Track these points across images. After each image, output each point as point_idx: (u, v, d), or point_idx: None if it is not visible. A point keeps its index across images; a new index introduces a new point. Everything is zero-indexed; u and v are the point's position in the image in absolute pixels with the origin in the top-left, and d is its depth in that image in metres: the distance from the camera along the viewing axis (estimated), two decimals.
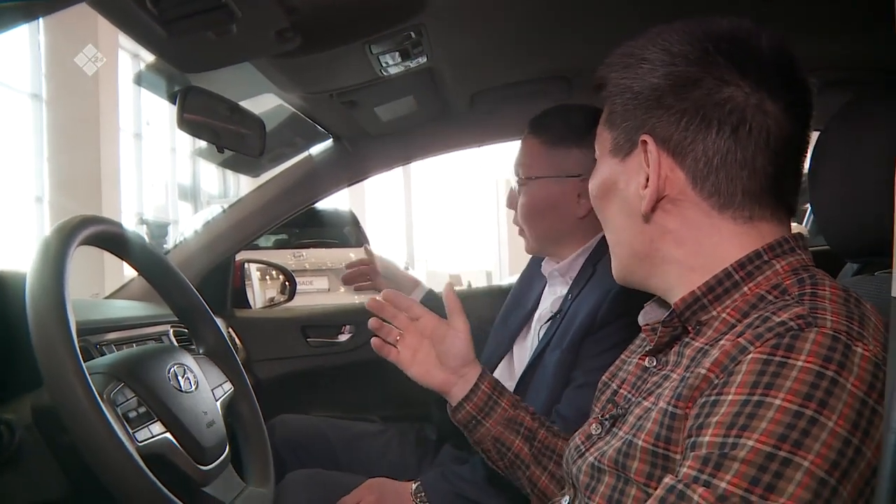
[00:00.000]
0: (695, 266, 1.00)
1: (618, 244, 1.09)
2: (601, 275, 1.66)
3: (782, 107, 0.95)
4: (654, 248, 1.03)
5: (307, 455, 1.96)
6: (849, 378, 0.80)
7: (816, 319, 0.84)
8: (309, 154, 2.42)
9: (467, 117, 2.33)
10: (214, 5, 1.24)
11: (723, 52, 0.95)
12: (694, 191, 0.98)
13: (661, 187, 0.98)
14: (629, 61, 1.01)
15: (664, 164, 0.98)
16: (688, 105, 0.96)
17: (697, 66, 0.95)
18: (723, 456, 0.80)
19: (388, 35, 1.62)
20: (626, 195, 1.03)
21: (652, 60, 0.98)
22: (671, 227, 1.00)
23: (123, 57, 9.73)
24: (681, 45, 0.97)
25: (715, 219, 0.98)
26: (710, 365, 0.89)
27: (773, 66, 0.96)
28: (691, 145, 0.96)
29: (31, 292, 1.02)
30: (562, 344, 1.67)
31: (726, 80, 0.94)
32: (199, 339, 1.46)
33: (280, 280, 3.13)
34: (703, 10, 1.62)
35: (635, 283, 1.09)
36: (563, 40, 1.91)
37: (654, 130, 0.98)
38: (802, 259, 0.98)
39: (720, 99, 0.94)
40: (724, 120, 0.94)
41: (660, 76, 0.97)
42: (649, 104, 0.98)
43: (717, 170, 0.96)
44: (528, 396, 1.72)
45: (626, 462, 0.97)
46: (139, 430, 1.10)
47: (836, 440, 0.77)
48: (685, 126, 0.96)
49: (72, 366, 0.99)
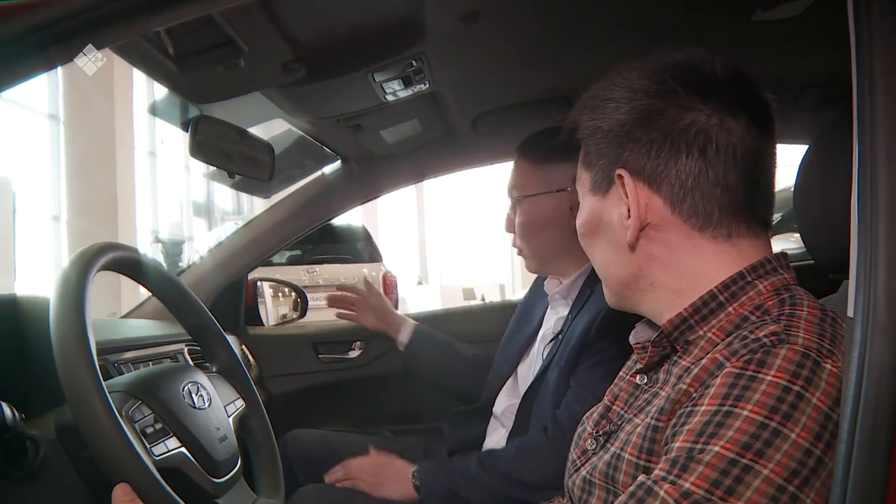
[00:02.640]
0: (681, 289, 1.04)
1: (607, 276, 1.13)
2: (597, 296, 1.70)
3: (744, 123, 1.00)
4: (642, 275, 1.07)
5: (319, 469, 1.99)
6: (815, 393, 0.85)
7: (789, 336, 0.89)
8: (321, 174, 2.47)
9: (471, 138, 2.38)
10: (223, 41, 1.31)
11: (680, 82, 1.00)
12: (674, 214, 1.02)
13: (642, 215, 1.02)
14: (595, 103, 1.06)
15: (641, 194, 1.02)
16: (655, 135, 1.00)
17: (659, 97, 1.00)
18: (689, 459, 0.86)
19: (389, 64, 1.68)
20: (611, 228, 1.07)
21: (616, 99, 1.03)
22: (656, 253, 1.04)
23: (138, 77, 9.83)
24: (640, 81, 1.02)
25: (696, 239, 1.02)
26: (690, 380, 0.94)
27: (729, 87, 1.01)
28: (665, 172, 1.01)
29: (55, 317, 1.07)
30: (560, 362, 1.72)
31: (688, 107, 0.99)
32: (211, 358, 1.50)
33: (292, 297, 3.16)
34: (697, 30, 1.69)
35: (627, 308, 1.14)
36: (562, 62, 1.96)
37: (627, 164, 1.03)
38: (785, 279, 1.02)
39: (684, 124, 0.99)
40: (691, 143, 0.99)
41: (625, 112, 1.02)
42: (619, 140, 1.03)
43: (692, 191, 1.00)
44: (533, 414, 1.78)
45: (614, 475, 1.02)
46: (156, 444, 1.15)
47: (797, 451, 0.83)
48: (656, 154, 1.01)
49: (93, 385, 1.04)
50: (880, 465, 0.73)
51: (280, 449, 1.96)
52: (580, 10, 1.64)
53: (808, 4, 1.60)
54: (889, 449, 0.73)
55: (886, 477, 0.73)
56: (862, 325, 0.76)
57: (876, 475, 0.74)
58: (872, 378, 0.74)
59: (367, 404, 2.57)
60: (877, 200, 0.77)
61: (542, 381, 1.79)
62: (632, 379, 1.13)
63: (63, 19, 0.87)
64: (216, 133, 1.79)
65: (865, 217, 0.77)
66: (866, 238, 0.77)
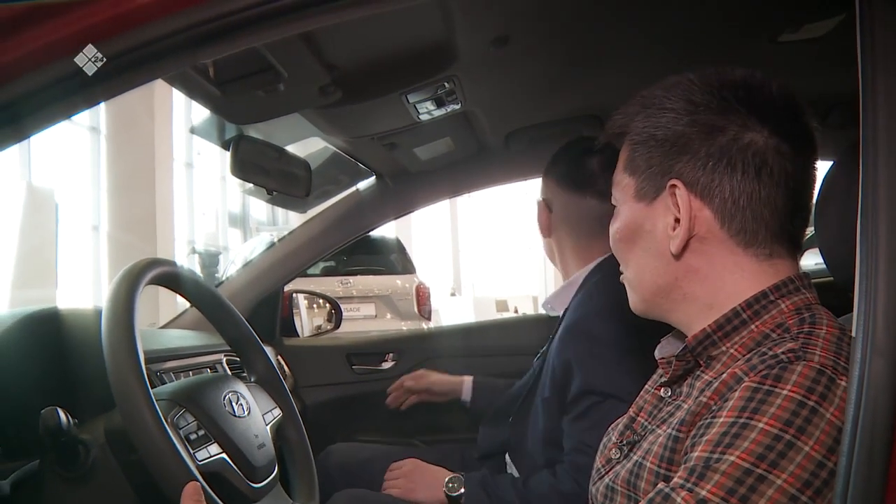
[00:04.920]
0: (713, 304, 1.06)
1: (640, 282, 1.14)
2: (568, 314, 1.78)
3: (795, 148, 1.03)
4: (678, 286, 1.09)
5: (360, 481, 2.02)
6: (829, 408, 0.88)
7: (806, 354, 0.93)
8: (356, 189, 2.52)
9: (503, 155, 2.41)
10: (263, 67, 1.37)
11: (741, 101, 1.03)
12: (722, 229, 1.05)
13: (691, 227, 1.05)
14: (651, 111, 1.08)
15: (693, 206, 1.05)
16: (714, 150, 1.03)
17: (720, 114, 1.03)
18: (706, 468, 0.90)
19: (422, 86, 1.73)
20: (654, 236, 1.09)
21: (675, 109, 1.05)
22: (696, 266, 1.07)
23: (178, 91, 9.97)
24: (701, 95, 1.04)
25: (739, 256, 1.05)
26: (710, 394, 0.98)
27: (785, 112, 1.04)
28: (718, 187, 1.03)
29: (106, 328, 1.14)
30: (543, 392, 1.76)
31: (748, 126, 1.02)
32: (250, 368, 1.55)
33: (327, 309, 3.21)
34: (724, 50, 1.72)
35: (655, 316, 1.16)
36: (591, 81, 2.00)
37: (682, 175, 1.05)
38: (807, 298, 1.05)
39: (744, 144, 1.02)
40: (748, 163, 1.02)
41: (685, 124, 1.04)
42: (675, 150, 1.05)
43: (743, 209, 1.03)
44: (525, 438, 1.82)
45: (636, 482, 1.06)
46: (199, 450, 1.21)
47: (810, 463, 0.86)
48: (712, 169, 1.03)
49: (141, 393, 1.11)
50: (877, 479, 0.77)
51: (322, 461, 2.01)
52: (607, 33, 1.67)
53: (834, 25, 1.63)
54: (886, 464, 0.77)
55: (883, 490, 0.77)
56: (862, 344, 0.80)
57: (874, 489, 0.77)
58: (871, 395, 0.78)
59: (399, 415, 2.60)
60: (877, 226, 0.81)
61: (530, 398, 1.83)
62: (656, 392, 1.16)
63: (123, 54, 0.93)
64: (256, 151, 1.86)
65: (867, 241, 0.81)
66: (867, 263, 0.81)
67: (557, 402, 1.70)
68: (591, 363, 1.60)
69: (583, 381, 1.61)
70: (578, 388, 1.63)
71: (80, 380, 1.33)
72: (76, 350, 1.41)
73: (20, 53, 0.94)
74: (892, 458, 0.77)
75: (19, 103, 0.97)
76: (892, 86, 0.83)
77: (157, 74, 1.00)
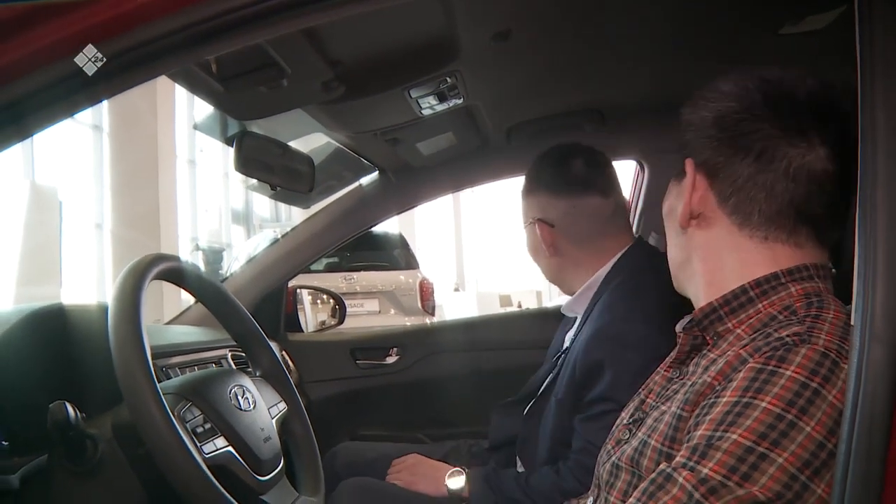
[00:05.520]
0: (714, 281, 1.10)
1: (670, 258, 1.21)
2: (595, 315, 1.74)
3: (812, 144, 1.04)
4: (690, 261, 1.15)
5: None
6: (831, 391, 0.90)
7: (811, 337, 0.95)
8: (359, 185, 2.53)
9: (505, 150, 2.43)
10: (266, 63, 1.38)
11: (762, 92, 1.06)
12: (720, 208, 1.09)
13: (694, 203, 1.10)
14: (694, 100, 1.14)
15: (699, 184, 1.10)
16: (724, 135, 1.07)
17: (737, 102, 1.07)
18: (708, 447, 0.91)
19: (424, 81, 1.74)
20: (677, 213, 1.15)
21: (708, 98, 1.11)
22: (702, 243, 1.12)
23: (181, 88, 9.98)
24: (730, 86, 1.09)
25: (736, 236, 1.08)
26: (715, 374, 1.00)
27: (807, 108, 1.05)
28: (722, 168, 1.08)
29: (113, 323, 1.15)
30: (559, 392, 1.75)
31: (759, 116, 1.05)
32: (255, 363, 1.56)
33: (331, 304, 3.22)
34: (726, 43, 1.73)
35: (681, 291, 1.21)
36: (593, 76, 2.01)
37: (696, 154, 1.10)
38: (818, 287, 1.06)
39: (750, 129, 1.06)
40: (750, 147, 1.05)
41: (709, 110, 1.10)
42: (698, 134, 1.11)
43: (738, 190, 1.07)
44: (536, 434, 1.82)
45: (639, 460, 1.07)
46: (205, 443, 1.22)
47: (811, 443, 0.88)
48: (720, 152, 1.08)
49: (148, 388, 1.12)
50: (876, 465, 0.78)
51: (329, 460, 2.02)
52: (608, 27, 1.68)
53: (835, 17, 1.63)
54: (884, 450, 0.78)
55: (882, 476, 0.78)
56: (861, 332, 0.81)
57: (872, 475, 0.78)
58: (869, 382, 0.79)
59: (403, 409, 2.62)
60: (876, 216, 0.82)
61: (546, 398, 1.82)
62: (666, 373, 1.19)
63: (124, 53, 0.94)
64: (259, 147, 1.86)
65: (866, 231, 0.82)
66: (866, 253, 0.82)
67: (572, 403, 1.70)
68: (619, 370, 1.59)
69: (607, 387, 1.61)
70: (600, 393, 1.63)
71: (87, 375, 1.33)
72: (82, 346, 1.42)
73: (21, 54, 0.95)
74: (891, 445, 0.78)
75: (21, 103, 0.97)
76: (890, 80, 0.84)
77: (159, 72, 1.01)
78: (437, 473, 1.86)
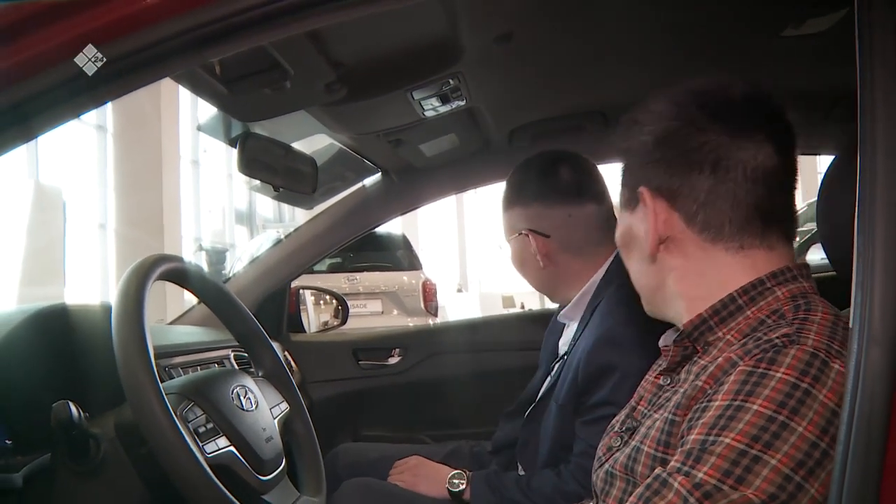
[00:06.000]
0: (697, 297, 1.10)
1: (639, 286, 1.21)
2: (597, 320, 1.73)
3: (759, 142, 1.06)
4: (665, 285, 1.14)
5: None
6: (822, 390, 0.91)
7: (800, 337, 0.96)
8: (362, 186, 2.53)
9: (508, 151, 2.40)
10: (270, 65, 1.39)
11: (697, 104, 1.07)
12: (689, 228, 1.09)
13: (660, 229, 1.09)
14: (626, 126, 1.14)
15: (660, 209, 1.09)
16: (672, 154, 1.08)
17: (676, 119, 1.08)
18: (702, 451, 0.92)
19: (427, 83, 1.74)
20: (639, 241, 1.15)
21: (641, 122, 1.11)
22: (675, 265, 1.11)
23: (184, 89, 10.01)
24: (663, 105, 1.10)
25: (710, 251, 1.09)
26: (705, 378, 1.01)
27: (746, 108, 1.07)
28: (680, 188, 1.08)
29: (116, 324, 1.16)
30: (559, 397, 1.74)
31: (701, 127, 1.06)
32: (257, 363, 1.57)
33: (333, 305, 3.22)
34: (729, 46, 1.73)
35: (658, 315, 1.20)
36: (595, 77, 2.01)
37: (648, 182, 1.10)
38: (803, 287, 1.07)
39: (698, 143, 1.06)
40: (703, 161, 1.06)
41: (647, 133, 1.10)
42: (642, 160, 1.11)
43: (703, 206, 1.07)
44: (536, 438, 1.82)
45: (633, 467, 1.08)
46: (207, 443, 1.22)
47: (804, 443, 0.88)
48: (672, 172, 1.08)
49: (151, 387, 1.13)
50: (874, 466, 0.79)
51: (331, 461, 2.02)
52: (610, 29, 1.69)
53: (837, 20, 1.64)
54: (882, 451, 0.79)
55: (879, 477, 0.78)
56: (859, 334, 0.81)
57: (870, 476, 0.79)
58: (867, 384, 0.80)
59: (405, 409, 2.62)
60: (875, 219, 0.82)
61: (545, 404, 1.81)
62: (656, 380, 1.19)
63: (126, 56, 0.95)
64: (262, 148, 1.87)
65: (865, 234, 0.83)
66: (865, 255, 0.83)
67: (573, 407, 1.70)
68: (622, 374, 1.59)
69: (610, 391, 1.61)
70: (603, 397, 1.63)
71: (90, 375, 1.34)
72: (85, 346, 1.42)
73: (23, 57, 0.96)
74: (889, 446, 0.79)
75: (25, 105, 0.98)
76: (890, 82, 0.85)
77: (162, 75, 1.02)
78: (439, 475, 1.87)
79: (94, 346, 1.34)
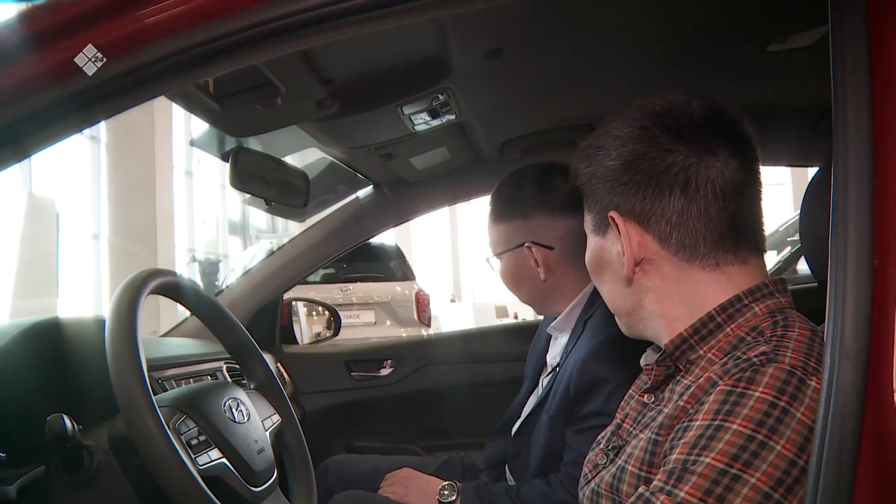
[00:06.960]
0: (677, 316, 1.12)
1: (614, 308, 1.22)
2: (589, 331, 1.73)
3: (724, 158, 1.07)
4: (641, 306, 1.15)
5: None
6: (799, 408, 0.93)
7: (777, 356, 0.98)
8: (354, 198, 2.54)
9: (499, 164, 2.41)
10: (261, 82, 1.41)
11: (659, 126, 1.08)
12: (664, 249, 1.10)
13: (635, 252, 1.11)
14: (589, 151, 1.15)
15: (633, 232, 1.11)
16: (641, 177, 1.09)
17: (641, 142, 1.09)
18: (684, 470, 0.94)
19: (417, 98, 1.76)
20: (612, 264, 1.16)
21: (605, 147, 1.12)
22: (652, 286, 1.13)
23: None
24: (625, 129, 1.10)
25: (687, 270, 1.10)
26: (687, 398, 1.03)
27: (707, 126, 1.09)
28: (651, 210, 1.09)
29: (110, 338, 1.17)
30: (550, 409, 1.74)
31: (667, 149, 1.08)
32: (249, 375, 1.58)
33: (326, 316, 3.23)
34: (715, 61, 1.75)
35: (637, 335, 1.22)
36: (585, 90, 2.03)
37: (618, 206, 1.12)
38: (780, 302, 1.10)
39: (665, 165, 1.08)
40: (672, 182, 1.07)
41: (613, 158, 1.11)
42: (610, 184, 1.12)
43: (677, 226, 1.09)
44: (527, 450, 1.82)
45: (619, 486, 1.10)
46: (200, 455, 1.23)
47: (782, 461, 0.90)
48: (643, 195, 1.09)
49: (144, 400, 1.14)
50: (846, 480, 0.81)
51: (322, 473, 2.03)
52: (599, 44, 1.70)
53: (819, 36, 1.66)
54: (854, 465, 0.80)
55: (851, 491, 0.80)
56: (831, 348, 0.83)
57: (843, 490, 0.81)
58: (839, 398, 0.81)
59: (397, 421, 2.64)
60: (847, 234, 0.84)
61: (536, 416, 1.81)
62: (640, 398, 1.20)
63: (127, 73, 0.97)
64: (255, 162, 1.88)
65: (837, 249, 0.85)
66: (837, 269, 0.85)
67: (564, 417, 1.70)
68: (616, 386, 1.59)
69: (603, 402, 1.62)
70: (595, 408, 1.64)
71: (83, 387, 1.36)
72: (78, 359, 1.44)
73: (25, 76, 0.97)
74: (859, 461, 0.81)
75: (19, 124, 1.00)
76: (860, 100, 0.87)
77: (154, 95, 1.04)
78: (430, 487, 1.88)
79: (88, 359, 1.35)
